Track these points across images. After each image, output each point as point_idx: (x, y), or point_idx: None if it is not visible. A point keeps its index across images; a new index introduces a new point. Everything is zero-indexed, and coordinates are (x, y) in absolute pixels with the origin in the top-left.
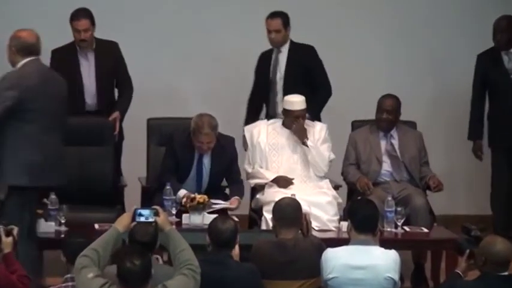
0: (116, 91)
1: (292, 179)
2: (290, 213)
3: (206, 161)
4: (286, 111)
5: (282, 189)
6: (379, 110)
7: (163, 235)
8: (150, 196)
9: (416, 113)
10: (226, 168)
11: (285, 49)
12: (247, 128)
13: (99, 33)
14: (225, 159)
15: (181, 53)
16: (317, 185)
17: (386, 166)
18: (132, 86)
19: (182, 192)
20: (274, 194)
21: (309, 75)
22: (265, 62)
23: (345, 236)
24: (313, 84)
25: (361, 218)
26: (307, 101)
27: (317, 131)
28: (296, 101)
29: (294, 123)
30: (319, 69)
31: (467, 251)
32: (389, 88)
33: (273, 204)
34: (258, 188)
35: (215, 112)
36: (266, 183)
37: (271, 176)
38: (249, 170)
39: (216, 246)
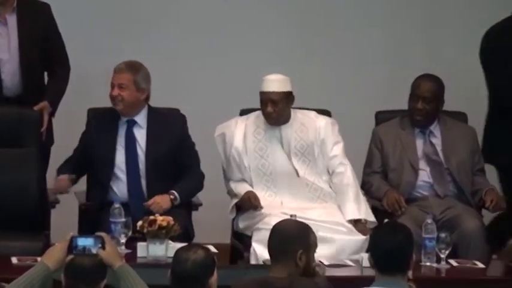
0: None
1: (257, 207)
2: (275, 243)
3: (140, 137)
4: (260, 96)
5: (276, 207)
6: (413, 96)
7: (111, 273)
8: (93, 218)
9: (467, 101)
10: (173, 150)
11: None
12: (218, 134)
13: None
14: (169, 135)
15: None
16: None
17: (425, 175)
18: (69, 66)
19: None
20: (266, 215)
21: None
22: None
23: (369, 273)
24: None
25: (383, 253)
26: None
27: (319, 128)
28: (272, 80)
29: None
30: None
31: None
32: (428, 67)
33: (263, 230)
34: (242, 206)
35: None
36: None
37: (243, 190)
38: (230, 186)
39: None
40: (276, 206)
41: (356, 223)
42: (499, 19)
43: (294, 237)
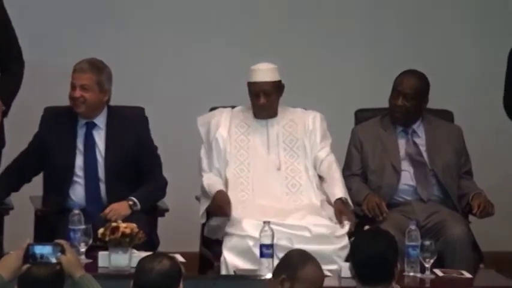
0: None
1: (227, 215)
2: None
3: (99, 140)
4: (249, 87)
5: (249, 210)
6: (394, 93)
7: (70, 284)
8: (50, 224)
9: (453, 98)
10: (134, 153)
11: None
12: (203, 118)
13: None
14: (129, 137)
15: None
16: (311, 203)
17: (408, 178)
18: (23, 61)
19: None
20: (238, 218)
21: None
22: None
23: (349, 284)
24: None
25: (366, 262)
26: None
27: (308, 120)
28: (262, 70)
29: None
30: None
31: None
32: (413, 63)
33: (235, 237)
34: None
35: None
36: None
37: (215, 189)
38: (202, 181)
39: None
40: (249, 205)
41: (343, 204)
42: (485, 15)
43: (285, 263)
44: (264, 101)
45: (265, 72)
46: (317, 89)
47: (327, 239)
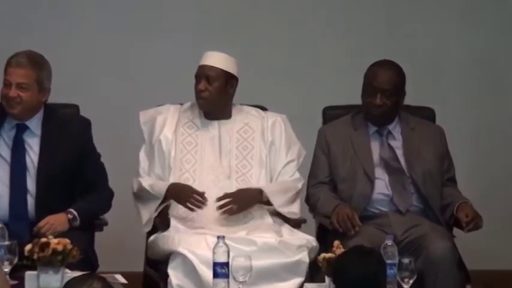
0: None
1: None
2: None
3: (32, 145)
4: (196, 72)
5: (196, 224)
6: (369, 89)
7: None
8: None
9: (434, 94)
10: (73, 163)
11: None
12: (146, 115)
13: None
14: (68, 144)
15: None
16: (262, 222)
17: (383, 186)
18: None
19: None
20: (186, 234)
21: None
22: None
23: None
24: None
25: (354, 283)
26: None
27: (267, 128)
28: (213, 54)
29: None
30: None
31: None
32: (387, 53)
33: (181, 256)
34: (157, 224)
35: None
36: (161, 206)
37: (165, 187)
38: (135, 186)
39: None
40: (198, 218)
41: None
42: (465, 8)
43: None
44: (203, 87)
45: (215, 57)
46: (279, 84)
47: (276, 251)
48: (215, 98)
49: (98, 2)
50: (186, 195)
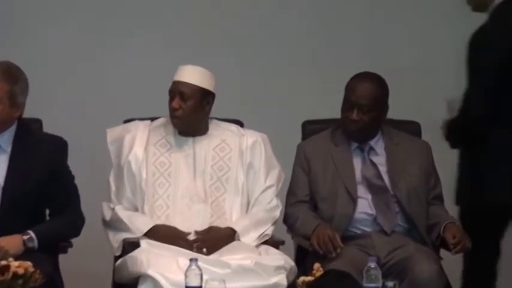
0: None
1: (188, 234)
2: None
3: (0, 160)
4: (170, 88)
5: (169, 249)
6: (347, 103)
7: None
8: None
9: (421, 107)
10: (43, 184)
11: None
12: (113, 133)
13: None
14: (39, 164)
15: None
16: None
17: (366, 205)
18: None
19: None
20: (157, 257)
21: None
22: None
23: None
24: None
25: None
26: None
27: (246, 148)
28: (187, 69)
29: None
30: None
31: None
32: (369, 65)
33: (150, 279)
34: (126, 247)
35: None
36: (138, 240)
37: (146, 225)
38: (107, 213)
39: None
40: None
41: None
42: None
43: None
44: (176, 106)
45: (190, 72)
46: (257, 98)
47: (252, 273)
48: (189, 116)
49: (63, 13)
50: (179, 244)
